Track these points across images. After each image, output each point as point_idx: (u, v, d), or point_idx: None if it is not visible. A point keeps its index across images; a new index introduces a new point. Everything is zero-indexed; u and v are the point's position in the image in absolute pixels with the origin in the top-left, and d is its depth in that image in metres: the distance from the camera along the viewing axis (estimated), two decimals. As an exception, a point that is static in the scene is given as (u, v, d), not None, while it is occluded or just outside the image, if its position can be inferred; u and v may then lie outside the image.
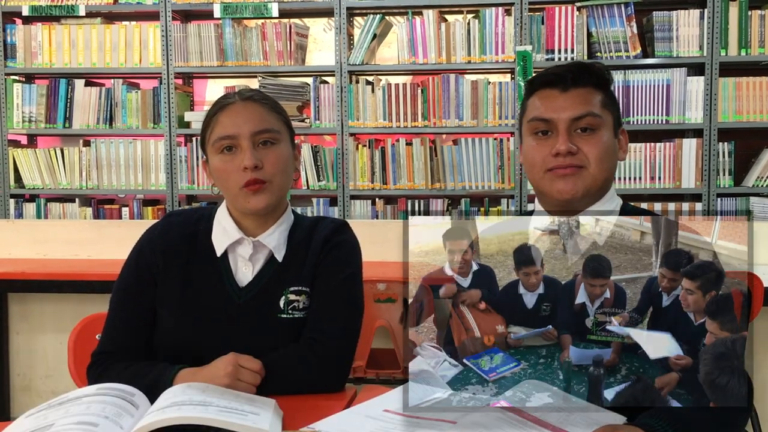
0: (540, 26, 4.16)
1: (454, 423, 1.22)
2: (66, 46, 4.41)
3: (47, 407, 1.30)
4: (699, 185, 4.11)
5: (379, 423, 1.28)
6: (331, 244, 1.67)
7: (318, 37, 4.79)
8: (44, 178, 4.46)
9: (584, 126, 1.53)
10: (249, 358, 1.49)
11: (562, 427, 1.20)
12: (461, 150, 4.24)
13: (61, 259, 3.64)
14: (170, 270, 1.64)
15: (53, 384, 3.63)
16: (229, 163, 1.60)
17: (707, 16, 4.05)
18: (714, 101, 4.06)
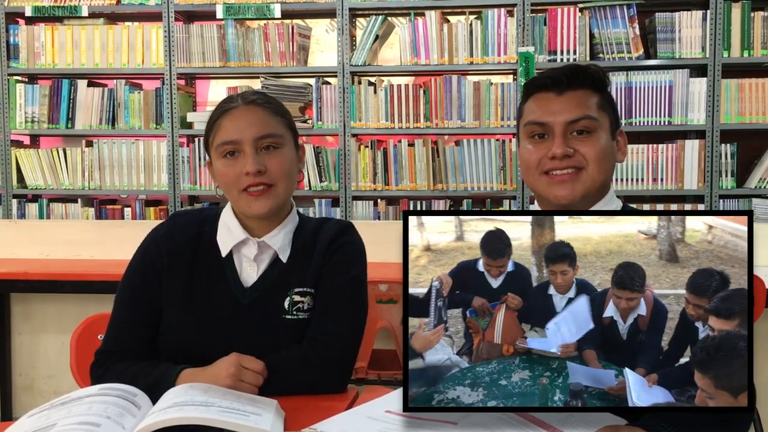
0: (542, 27, 4.15)
1: (455, 424, 1.22)
2: (69, 46, 4.42)
3: (49, 407, 1.31)
4: (701, 187, 4.11)
5: (381, 424, 1.28)
6: (336, 246, 1.67)
7: (320, 37, 4.79)
8: (47, 179, 4.46)
9: (580, 129, 1.53)
10: (251, 359, 1.49)
11: (562, 428, 1.20)
12: (463, 151, 4.24)
13: (63, 260, 3.65)
14: (175, 270, 1.64)
15: (55, 384, 3.64)
16: (231, 168, 1.61)
17: (710, 18, 4.04)
18: (716, 103, 4.06)
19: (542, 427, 1.21)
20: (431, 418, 1.24)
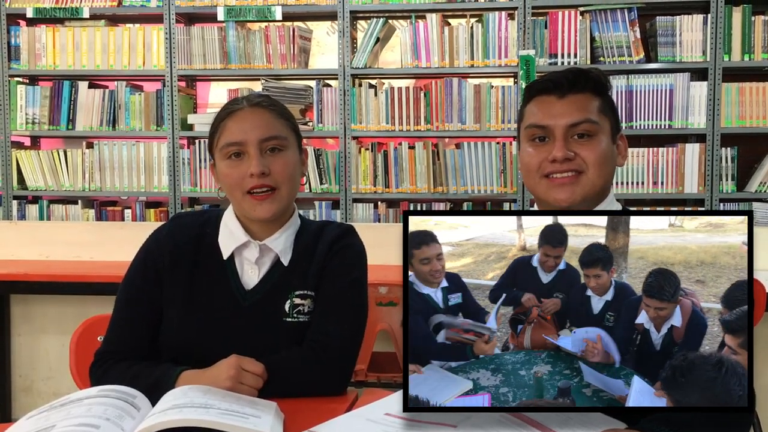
0: (543, 30, 4.16)
1: (455, 426, 1.22)
2: (70, 48, 4.42)
3: (48, 409, 1.31)
4: (702, 190, 4.11)
5: (381, 426, 1.28)
6: (336, 248, 1.67)
7: (321, 40, 4.79)
8: (47, 180, 4.46)
9: (581, 132, 1.54)
10: (251, 361, 1.49)
11: (561, 430, 1.20)
12: (464, 154, 4.24)
13: (63, 261, 3.65)
14: (177, 271, 1.64)
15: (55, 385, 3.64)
16: (235, 169, 1.61)
17: (710, 22, 4.05)
18: (717, 106, 4.06)
19: (541, 430, 1.21)
20: (431, 420, 1.24)
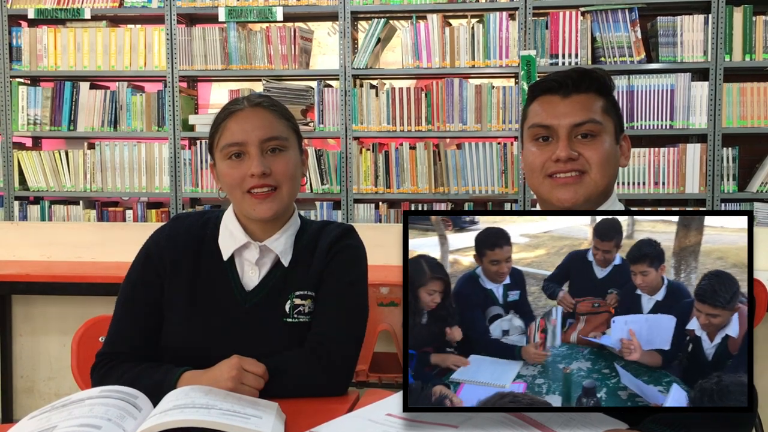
0: (544, 31, 4.16)
1: (456, 427, 1.22)
2: (71, 49, 4.43)
3: (50, 409, 1.31)
4: (703, 191, 4.11)
5: (382, 427, 1.28)
6: (336, 249, 1.67)
7: (322, 40, 4.79)
8: (48, 181, 4.47)
9: (585, 132, 1.54)
10: (253, 362, 1.49)
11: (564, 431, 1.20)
12: (465, 154, 4.24)
13: (64, 262, 3.65)
14: (177, 273, 1.64)
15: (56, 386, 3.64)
16: (236, 169, 1.61)
17: (711, 22, 4.05)
18: (718, 107, 4.06)
19: (543, 431, 1.21)
20: (432, 421, 1.24)
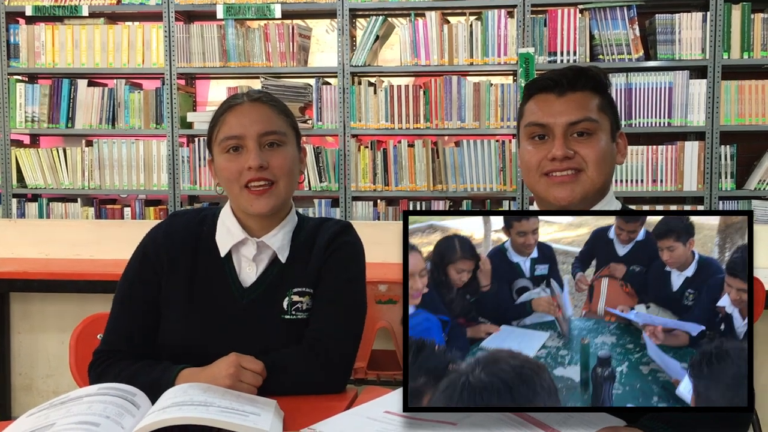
0: (542, 28, 4.16)
1: (455, 424, 1.22)
2: (69, 46, 4.42)
3: (48, 407, 1.31)
4: (701, 188, 4.11)
5: (380, 424, 1.28)
6: (334, 246, 1.67)
7: (320, 38, 4.79)
8: (46, 178, 4.46)
9: (581, 130, 1.54)
10: (251, 359, 1.49)
11: (562, 429, 1.20)
12: (463, 152, 4.24)
13: (63, 259, 3.65)
14: (174, 270, 1.64)
15: (54, 383, 3.64)
16: (234, 163, 1.61)
17: (710, 19, 4.05)
18: (716, 104, 4.06)
19: (541, 428, 1.21)
20: (430, 418, 1.24)
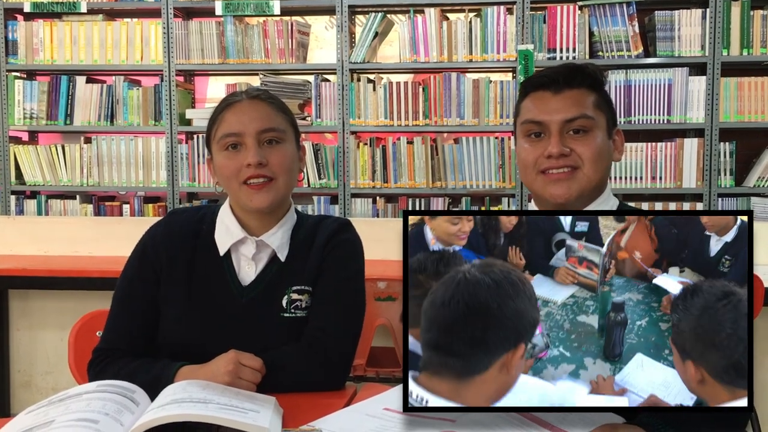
0: (542, 25, 4.15)
1: (454, 421, 1.22)
2: (67, 42, 4.41)
3: (47, 404, 1.31)
4: (700, 185, 4.11)
5: (379, 421, 1.28)
6: (333, 244, 1.67)
7: (319, 35, 4.78)
8: (45, 175, 4.46)
9: (577, 128, 1.54)
10: (250, 356, 1.49)
11: (561, 426, 1.20)
12: (462, 149, 4.24)
13: (61, 256, 3.64)
14: (173, 268, 1.64)
15: (53, 381, 3.64)
16: (233, 160, 1.60)
17: (709, 16, 4.04)
18: (715, 101, 4.06)
19: (541, 425, 1.21)
20: (430, 415, 1.24)
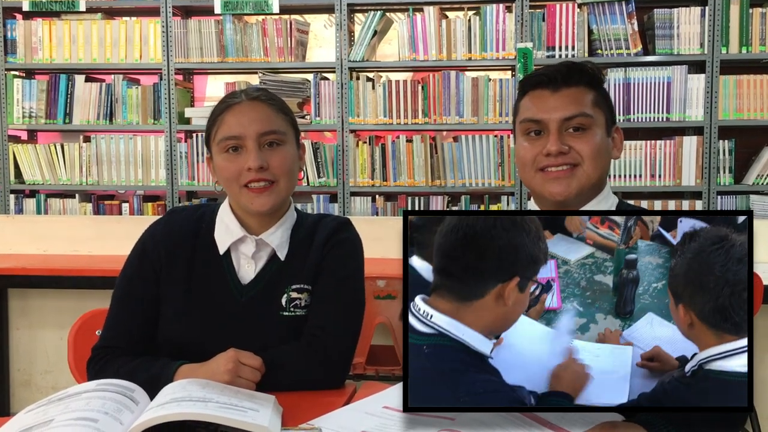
0: (541, 23, 4.15)
1: (453, 420, 1.22)
2: (66, 41, 4.41)
3: (47, 403, 1.31)
4: (699, 183, 4.11)
5: (379, 420, 1.29)
6: (333, 242, 1.67)
7: (318, 33, 4.78)
8: (44, 174, 4.45)
9: (575, 126, 1.54)
10: (249, 355, 1.49)
11: (560, 425, 1.21)
12: (461, 147, 4.24)
13: (61, 255, 3.64)
14: (173, 267, 1.64)
15: (53, 379, 3.64)
16: (233, 163, 1.60)
17: (708, 14, 4.04)
18: (714, 99, 4.06)
19: (540, 423, 1.21)
20: (429, 414, 1.24)
